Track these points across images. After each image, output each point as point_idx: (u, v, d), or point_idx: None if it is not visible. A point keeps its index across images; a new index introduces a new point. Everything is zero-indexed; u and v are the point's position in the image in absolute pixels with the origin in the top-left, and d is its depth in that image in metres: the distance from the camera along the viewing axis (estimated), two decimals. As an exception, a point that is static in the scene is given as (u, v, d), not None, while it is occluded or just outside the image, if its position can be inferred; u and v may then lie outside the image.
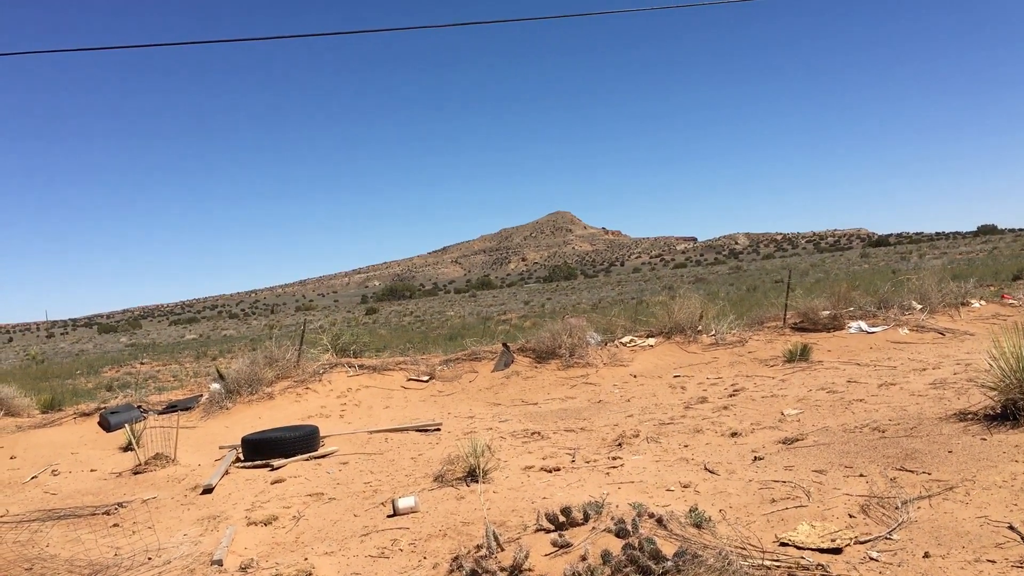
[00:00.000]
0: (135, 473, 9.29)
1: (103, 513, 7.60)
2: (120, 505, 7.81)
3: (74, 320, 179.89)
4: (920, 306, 14.82)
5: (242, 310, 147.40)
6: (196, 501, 7.79)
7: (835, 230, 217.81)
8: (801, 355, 12.17)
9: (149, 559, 6.10)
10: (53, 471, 9.95)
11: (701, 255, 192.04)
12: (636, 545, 3.85)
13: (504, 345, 14.46)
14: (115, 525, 7.22)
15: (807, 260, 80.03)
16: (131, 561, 6.09)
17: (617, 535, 4.17)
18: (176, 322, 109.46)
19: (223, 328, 71.09)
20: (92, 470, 9.89)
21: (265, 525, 6.70)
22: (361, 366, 14.13)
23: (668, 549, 3.92)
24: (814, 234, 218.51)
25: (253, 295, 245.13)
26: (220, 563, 5.72)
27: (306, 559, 5.56)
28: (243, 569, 5.54)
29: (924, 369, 10.54)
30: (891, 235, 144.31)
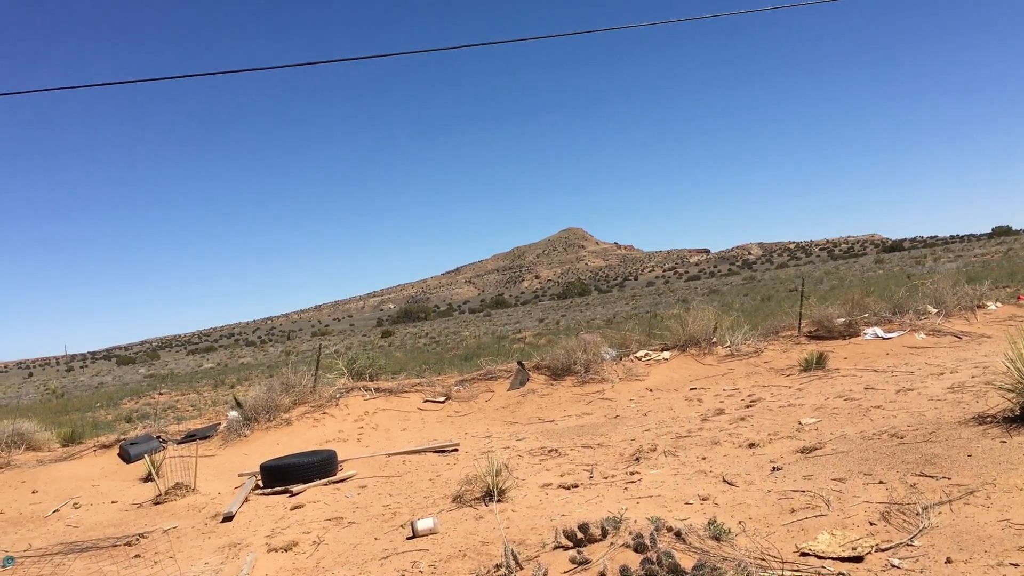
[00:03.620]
0: (156, 503, 9.33)
1: (124, 544, 7.64)
2: (141, 536, 7.85)
3: (93, 353, 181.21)
4: (935, 310, 14.73)
5: (259, 337, 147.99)
6: (217, 529, 7.81)
7: (848, 237, 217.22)
8: (817, 363, 12.11)
9: (171, 589, 6.12)
10: (75, 504, 10.01)
11: (715, 267, 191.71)
12: (655, 559, 3.85)
13: (519, 363, 14.46)
14: (137, 556, 7.25)
15: (821, 268, 79.69)
16: (153, 591, 6.12)
17: (636, 550, 4.17)
18: (194, 351, 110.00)
19: (240, 356, 71.37)
20: (113, 502, 9.94)
21: (286, 551, 6.71)
22: (377, 389, 14.16)
23: (687, 562, 3.91)
24: (827, 241, 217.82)
25: (269, 322, 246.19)
26: (242, 590, 5.74)
27: (327, 584, 5.57)
28: (264, 596, 5.56)
29: (942, 373, 10.47)
30: (905, 240, 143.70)
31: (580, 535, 4.58)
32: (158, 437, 12.86)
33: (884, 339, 13.44)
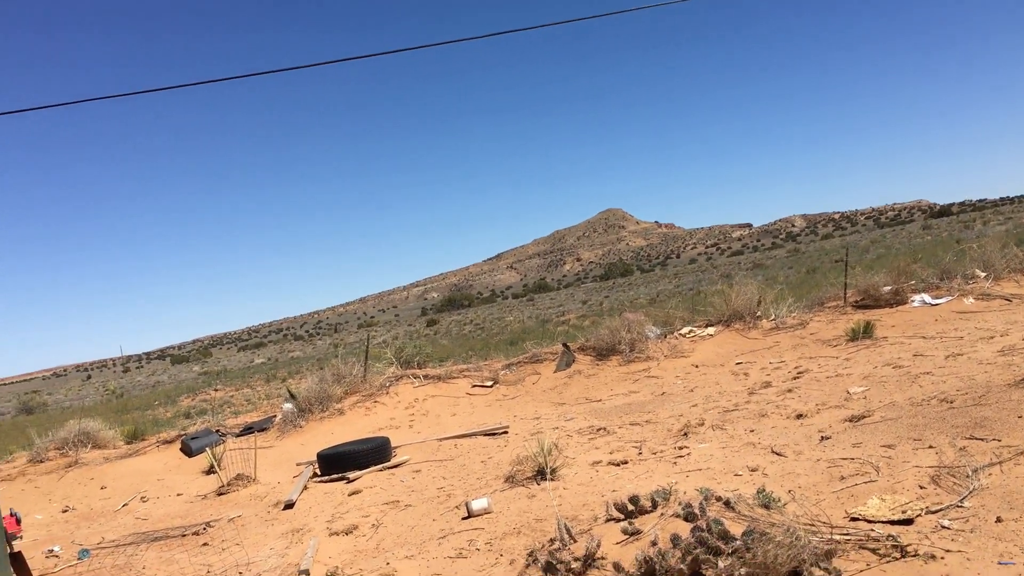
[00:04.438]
0: (219, 494, 9.65)
1: (193, 533, 7.93)
2: (208, 525, 8.14)
3: (147, 353, 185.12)
4: (984, 274, 14.50)
5: (307, 331, 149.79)
6: (279, 516, 8.07)
7: (895, 204, 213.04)
8: (864, 332, 12.02)
9: (240, 573, 6.37)
10: (142, 498, 10.37)
11: (758, 241, 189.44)
12: (704, 527, 3.95)
13: (564, 345, 14.57)
14: (205, 544, 7.54)
15: (867, 237, 78.36)
16: (223, 576, 6.37)
17: (685, 519, 4.27)
18: (244, 348, 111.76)
19: (290, 350, 72.44)
20: (178, 494, 10.28)
21: (346, 535, 6.93)
22: (426, 376, 14.37)
23: (736, 529, 4.00)
24: (873, 210, 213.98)
25: (316, 316, 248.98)
26: (307, 573, 5.95)
27: (388, 564, 5.75)
28: (329, 577, 5.76)
29: (991, 337, 10.36)
30: (953, 204, 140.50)
31: (631, 507, 4.70)
32: (217, 431, 13.23)
33: (932, 305, 13.29)
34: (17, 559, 7.13)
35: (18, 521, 7.28)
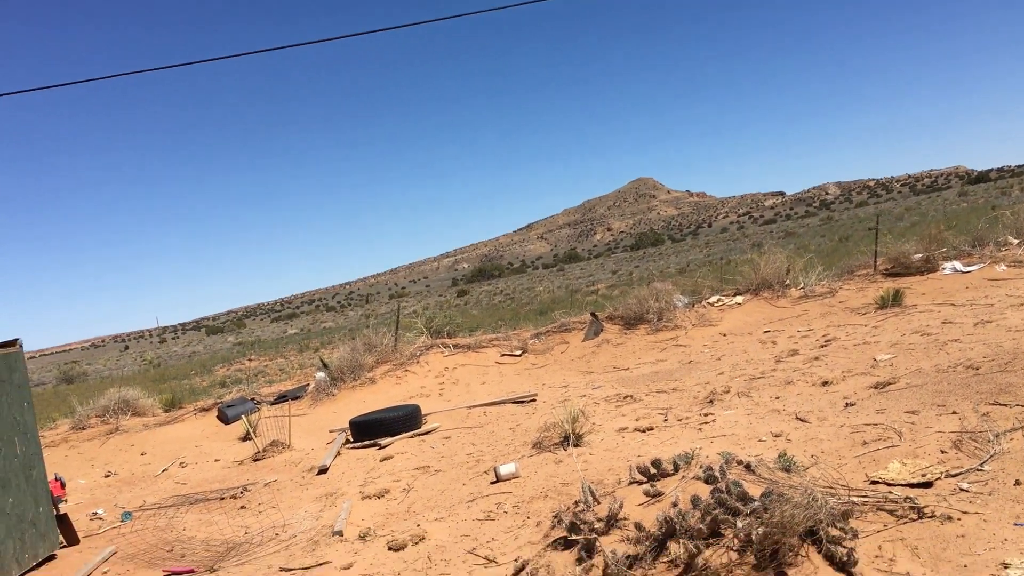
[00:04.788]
0: (255, 460, 9.91)
1: (231, 497, 8.20)
2: (245, 489, 8.39)
3: (183, 324, 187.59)
4: (1017, 241, 14.34)
5: (338, 302, 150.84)
6: (313, 481, 8.30)
7: (931, 170, 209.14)
8: (894, 300, 11.98)
9: (276, 535, 6.60)
10: (181, 463, 10.68)
11: (791, 209, 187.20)
12: (724, 489, 4.05)
13: (592, 314, 14.66)
14: (242, 507, 7.79)
15: (902, 204, 77.24)
16: (260, 537, 6.61)
17: (706, 482, 4.37)
18: (277, 319, 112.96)
19: (322, 321, 73.12)
20: (216, 460, 10.57)
21: (378, 498, 7.14)
22: (456, 346, 14.55)
23: (755, 491, 4.10)
24: (909, 176, 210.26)
25: (347, 287, 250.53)
26: (340, 534, 6.16)
27: (418, 525, 5.93)
28: (362, 538, 5.96)
29: (1022, 304, 10.29)
30: (991, 170, 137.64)
31: (653, 470, 4.81)
32: (252, 399, 13.52)
33: (963, 273, 13.18)
34: (63, 521, 7.43)
35: (63, 485, 7.59)
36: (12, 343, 7.11)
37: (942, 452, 5.15)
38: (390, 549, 5.52)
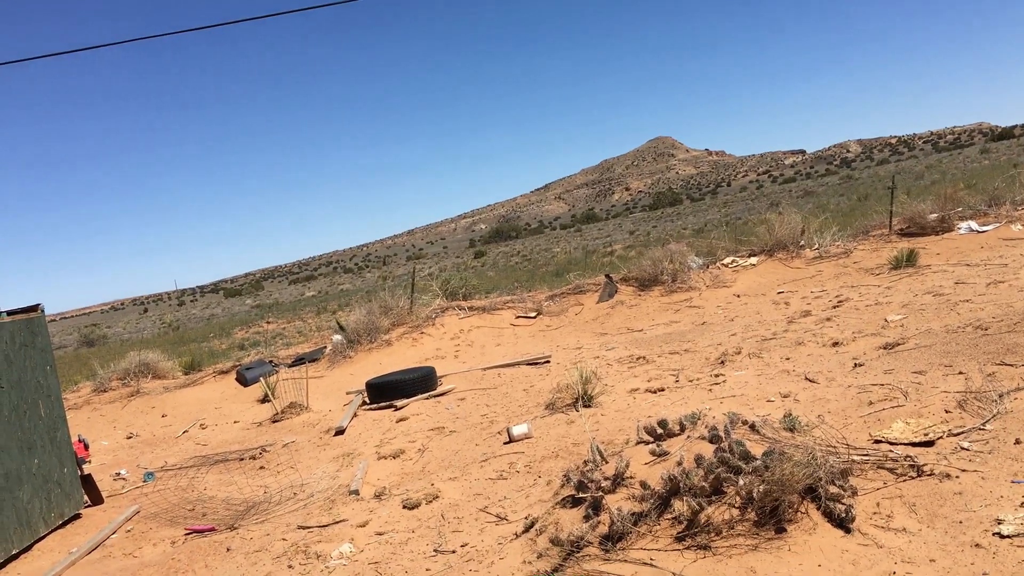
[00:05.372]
0: (273, 421, 10.12)
1: (250, 457, 8.40)
2: (264, 450, 8.60)
3: (201, 287, 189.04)
4: (1033, 199, 14.25)
5: (356, 264, 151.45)
6: (330, 442, 8.49)
7: (954, 127, 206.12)
8: (908, 260, 11.97)
9: (294, 494, 6.78)
10: (201, 425, 10.91)
11: (811, 167, 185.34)
12: (727, 448, 4.15)
13: (607, 276, 14.72)
14: (261, 467, 7.99)
15: (923, 162, 76.35)
16: (279, 496, 6.80)
17: (711, 441, 4.47)
18: (295, 281, 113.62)
19: (339, 283, 73.54)
20: (235, 421, 10.79)
21: (394, 458, 7.31)
22: (471, 308, 14.67)
23: (758, 450, 4.20)
24: (932, 133, 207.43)
25: (365, 249, 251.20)
26: (356, 493, 6.33)
27: (432, 484, 6.09)
28: (377, 496, 6.13)
29: (1036, 264, 10.28)
30: (1016, 126, 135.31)
31: (660, 431, 4.92)
32: (270, 362, 13.73)
33: (978, 232, 13.12)
34: (87, 481, 7.66)
35: (86, 447, 7.80)
36: (34, 308, 7.28)
37: (946, 412, 5.22)
38: (404, 507, 5.68)
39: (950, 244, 13.04)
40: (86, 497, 7.64)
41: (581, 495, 4.45)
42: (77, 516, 7.36)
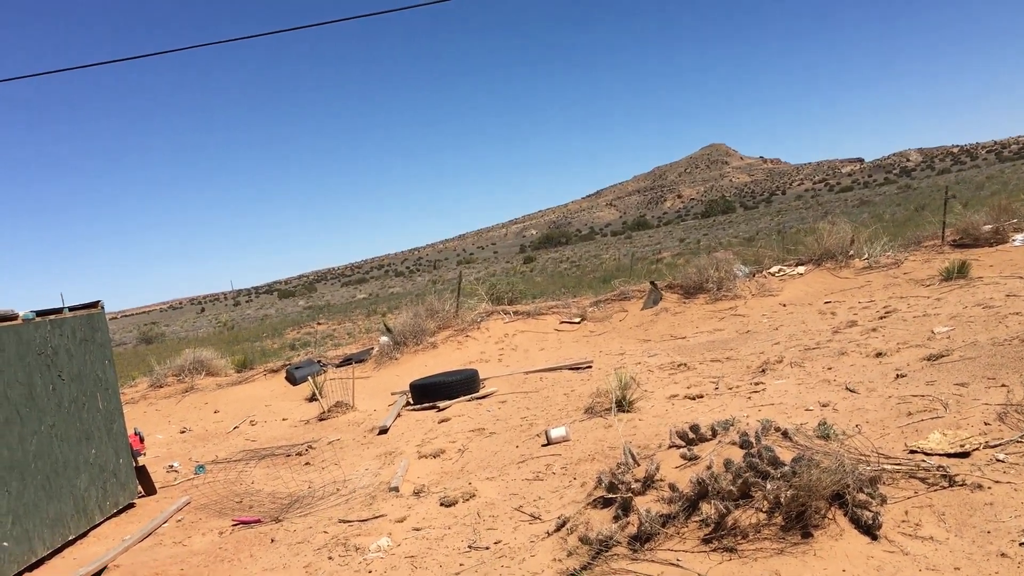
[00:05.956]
0: (320, 419, 10.36)
1: (296, 454, 8.63)
2: (310, 446, 8.82)
3: (256, 288, 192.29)
4: (1093, 212, 13.91)
5: (407, 268, 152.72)
6: (374, 440, 8.67)
7: (1020, 136, 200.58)
8: (959, 272, 11.78)
9: (337, 489, 6.96)
10: (251, 421, 11.20)
11: (869, 176, 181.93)
12: (756, 453, 4.20)
13: (652, 283, 14.73)
14: (307, 463, 8.21)
15: (984, 172, 74.50)
16: (322, 491, 6.99)
17: (741, 447, 4.52)
18: (347, 283, 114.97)
19: (390, 286, 74.31)
20: (283, 419, 11.06)
21: (434, 458, 7.45)
22: (516, 312, 14.79)
23: (788, 457, 4.24)
24: (996, 143, 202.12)
25: (416, 253, 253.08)
26: (396, 490, 6.48)
27: (470, 483, 6.20)
28: (416, 494, 6.27)
29: (1093, 278, 10.06)
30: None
31: (692, 435, 4.97)
32: (319, 362, 14.01)
33: (1033, 245, 12.87)
34: (142, 472, 7.94)
35: (141, 440, 8.09)
36: (95, 304, 7.58)
37: (985, 424, 5.18)
38: (442, 505, 5.80)
39: (1003, 256, 12.81)
40: (140, 487, 7.92)
41: (611, 496, 4.54)
42: (131, 505, 7.63)
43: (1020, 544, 3.50)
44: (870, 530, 3.77)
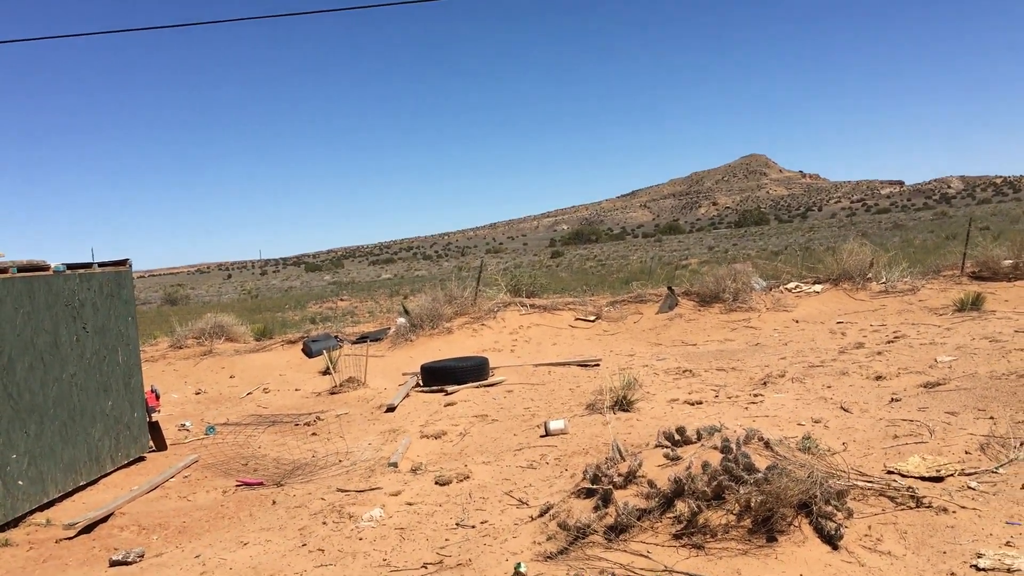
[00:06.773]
0: (331, 393, 10.65)
1: (304, 424, 8.92)
2: (318, 418, 9.11)
3: (284, 259, 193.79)
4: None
5: (435, 252, 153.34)
6: (380, 417, 8.95)
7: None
8: (973, 304, 11.85)
9: (339, 460, 7.24)
10: (264, 389, 11.52)
11: (908, 200, 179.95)
12: (733, 459, 4.40)
13: (669, 288, 14.89)
14: (313, 434, 8.50)
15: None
16: (325, 461, 7.28)
17: (721, 451, 4.71)
18: (374, 262, 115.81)
19: (416, 268, 74.80)
20: (296, 389, 11.36)
21: (435, 439, 7.71)
22: (532, 305, 15.01)
23: (763, 464, 4.44)
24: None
25: (446, 238, 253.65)
26: (395, 465, 6.75)
27: (466, 466, 6.45)
28: (413, 471, 6.53)
29: (1105, 320, 10.11)
30: None
31: (677, 437, 5.19)
32: (336, 337, 14.33)
33: (1052, 283, 12.88)
34: (155, 428, 8.27)
35: (157, 397, 8.41)
36: (123, 262, 7.90)
37: (966, 452, 5.35)
38: (436, 483, 6.05)
39: (1019, 292, 12.84)
40: (151, 442, 8.25)
41: (594, 488, 4.75)
42: (141, 458, 7.96)
43: (971, 566, 3.68)
44: (832, 540, 3.96)
